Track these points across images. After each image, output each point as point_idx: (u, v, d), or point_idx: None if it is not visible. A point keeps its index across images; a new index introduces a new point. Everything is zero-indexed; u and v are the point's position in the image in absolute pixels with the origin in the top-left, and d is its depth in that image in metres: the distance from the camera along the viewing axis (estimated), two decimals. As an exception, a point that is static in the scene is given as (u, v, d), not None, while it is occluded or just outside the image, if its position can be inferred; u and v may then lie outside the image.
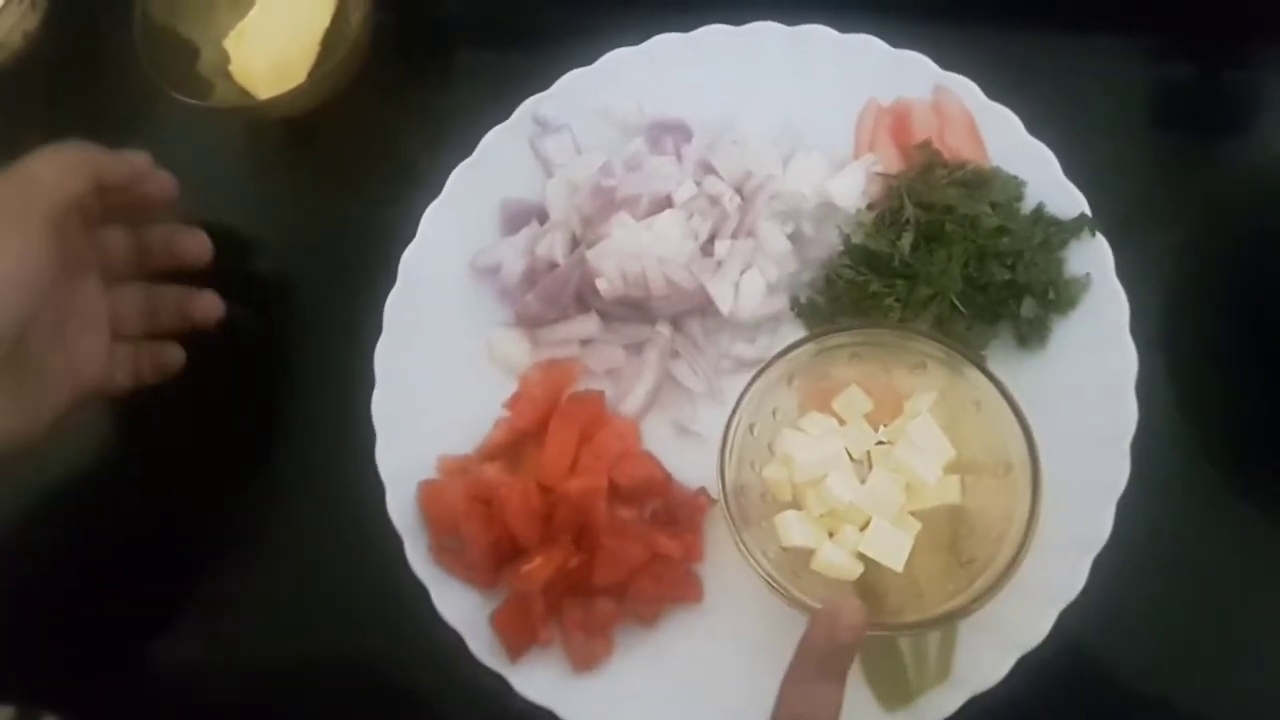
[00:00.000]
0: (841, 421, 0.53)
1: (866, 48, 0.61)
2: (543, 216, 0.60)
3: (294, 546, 0.58)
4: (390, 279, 0.59)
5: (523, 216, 0.61)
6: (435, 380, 0.58)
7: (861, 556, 0.49)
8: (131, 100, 0.68)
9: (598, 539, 0.52)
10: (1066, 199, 0.57)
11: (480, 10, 0.70)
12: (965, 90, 0.60)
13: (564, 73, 0.62)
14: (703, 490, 0.55)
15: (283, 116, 0.63)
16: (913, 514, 0.51)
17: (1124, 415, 0.53)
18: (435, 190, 0.61)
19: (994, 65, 0.60)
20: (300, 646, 0.57)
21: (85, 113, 0.69)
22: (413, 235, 0.60)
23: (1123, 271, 0.56)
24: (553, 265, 0.58)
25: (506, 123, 0.62)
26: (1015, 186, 0.58)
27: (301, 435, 0.60)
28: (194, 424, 0.62)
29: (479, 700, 0.54)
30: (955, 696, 0.51)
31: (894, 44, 0.61)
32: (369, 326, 0.58)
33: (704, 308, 0.58)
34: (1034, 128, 0.59)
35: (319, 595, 0.57)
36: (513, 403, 0.57)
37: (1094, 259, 0.56)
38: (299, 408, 0.61)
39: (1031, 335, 0.56)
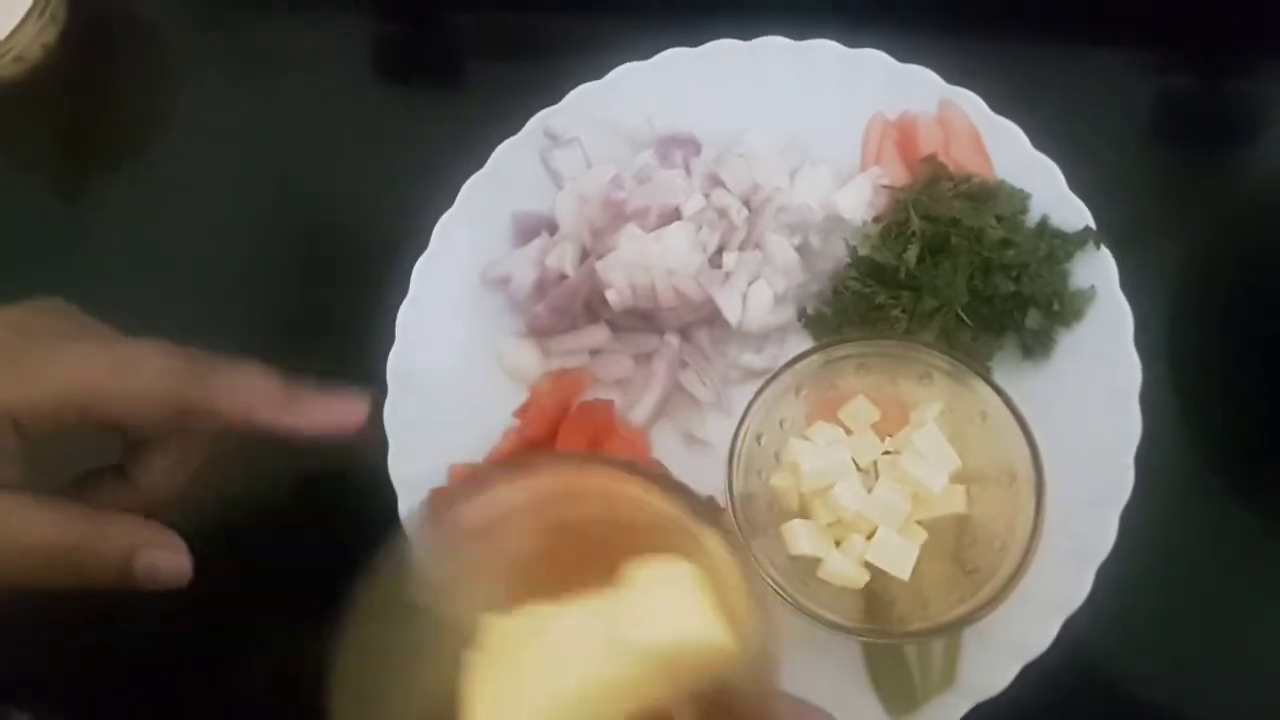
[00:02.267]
0: (848, 431, 0.53)
1: (873, 62, 0.62)
2: (553, 228, 0.61)
3: (305, 552, 0.59)
4: (402, 289, 0.60)
5: (533, 228, 0.61)
6: (447, 389, 0.59)
7: (868, 565, 0.50)
8: (150, 110, 0.69)
9: (606, 547, 0.53)
10: (1071, 212, 0.58)
11: (491, 24, 0.71)
12: (970, 104, 0.60)
13: (574, 86, 0.63)
14: (711, 499, 0.55)
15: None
16: (919, 523, 0.51)
17: (1128, 426, 0.54)
18: (447, 202, 0.61)
19: (999, 80, 0.61)
20: (311, 648, 0.58)
21: (105, 123, 0.70)
22: (425, 246, 0.60)
23: (1127, 283, 0.56)
24: (563, 276, 0.59)
25: (517, 136, 0.62)
26: (1020, 200, 0.58)
27: (314, 442, 0.61)
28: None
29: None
30: (960, 703, 0.51)
31: (900, 59, 0.61)
32: (381, 336, 0.59)
33: (712, 318, 0.59)
34: (1039, 141, 0.59)
35: (331, 600, 0.58)
36: (523, 412, 0.58)
37: (1098, 271, 0.57)
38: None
39: (1036, 347, 0.56)
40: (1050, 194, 0.58)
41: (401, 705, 0.36)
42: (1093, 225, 0.57)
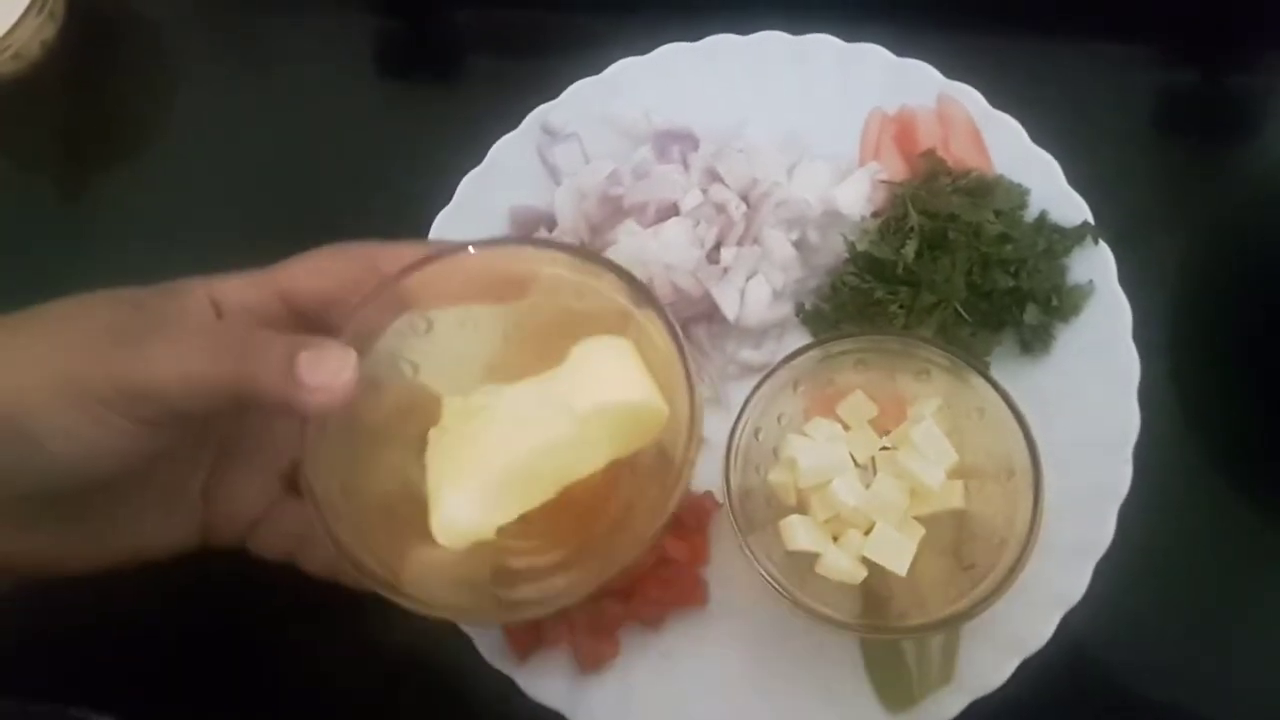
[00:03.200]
0: (846, 427, 0.53)
1: (871, 57, 0.62)
2: (551, 224, 0.61)
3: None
4: (401, 286, 0.60)
5: (531, 224, 0.61)
6: (445, 385, 0.59)
7: (865, 561, 0.50)
8: (149, 106, 0.69)
9: (604, 542, 0.53)
10: (1070, 206, 0.58)
11: (489, 20, 0.70)
12: (969, 99, 0.60)
13: (572, 82, 0.63)
14: (709, 494, 0.55)
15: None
16: (916, 519, 0.51)
17: (1127, 421, 0.54)
18: (445, 198, 0.61)
19: (998, 74, 0.61)
20: (303, 636, 0.58)
21: (104, 120, 0.70)
22: (423, 242, 0.61)
23: (1126, 278, 0.56)
24: (561, 272, 0.59)
25: (515, 131, 0.62)
26: (1019, 194, 0.58)
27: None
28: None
29: (486, 701, 0.54)
30: (958, 699, 0.51)
31: (899, 53, 0.61)
32: (380, 332, 0.59)
33: (710, 314, 0.59)
34: (1038, 136, 0.59)
35: (330, 595, 0.58)
36: (521, 407, 0.58)
37: (1097, 266, 0.57)
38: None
39: (1035, 342, 0.56)
40: (1049, 189, 0.58)
41: (370, 481, 0.38)
42: (1091, 220, 0.57)
